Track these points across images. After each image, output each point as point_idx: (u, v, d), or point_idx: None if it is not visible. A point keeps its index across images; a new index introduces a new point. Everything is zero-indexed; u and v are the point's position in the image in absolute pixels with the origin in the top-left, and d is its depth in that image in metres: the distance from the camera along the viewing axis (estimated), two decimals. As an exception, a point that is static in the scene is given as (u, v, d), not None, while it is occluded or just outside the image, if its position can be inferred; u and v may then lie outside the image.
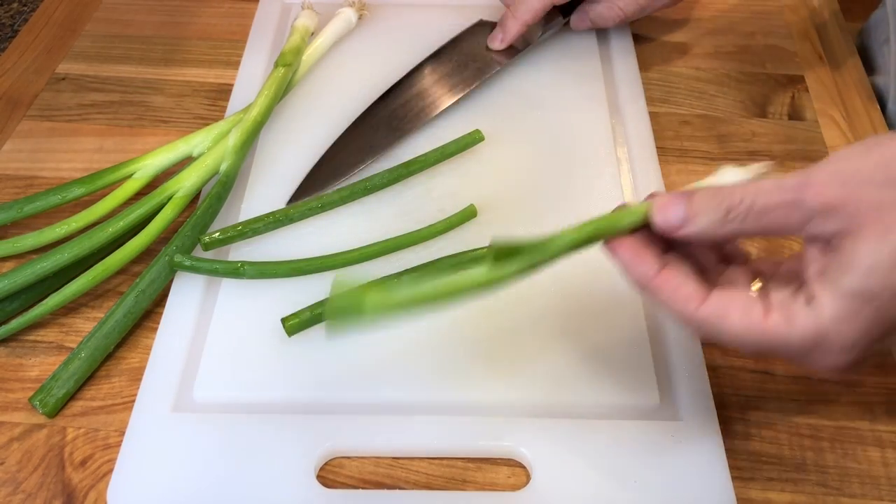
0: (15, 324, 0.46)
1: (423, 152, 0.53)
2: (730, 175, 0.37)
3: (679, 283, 0.34)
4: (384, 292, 0.32)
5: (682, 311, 0.34)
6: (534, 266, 0.35)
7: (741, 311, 0.33)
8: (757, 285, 0.36)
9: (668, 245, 0.36)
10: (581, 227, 0.36)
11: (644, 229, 0.36)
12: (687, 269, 0.35)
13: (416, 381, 0.43)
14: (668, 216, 0.35)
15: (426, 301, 0.33)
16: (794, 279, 0.34)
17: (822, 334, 0.32)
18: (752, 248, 0.50)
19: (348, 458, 0.41)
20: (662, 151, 0.56)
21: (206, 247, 0.48)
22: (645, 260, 0.35)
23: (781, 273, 0.36)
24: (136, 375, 0.45)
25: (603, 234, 0.36)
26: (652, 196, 0.36)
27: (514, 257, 0.34)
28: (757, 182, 0.33)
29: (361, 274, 0.31)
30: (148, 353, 0.45)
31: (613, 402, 0.42)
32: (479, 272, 0.34)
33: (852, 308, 0.31)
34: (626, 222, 0.36)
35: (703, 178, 0.37)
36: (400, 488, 0.40)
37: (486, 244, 0.48)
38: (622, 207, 0.37)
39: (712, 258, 0.38)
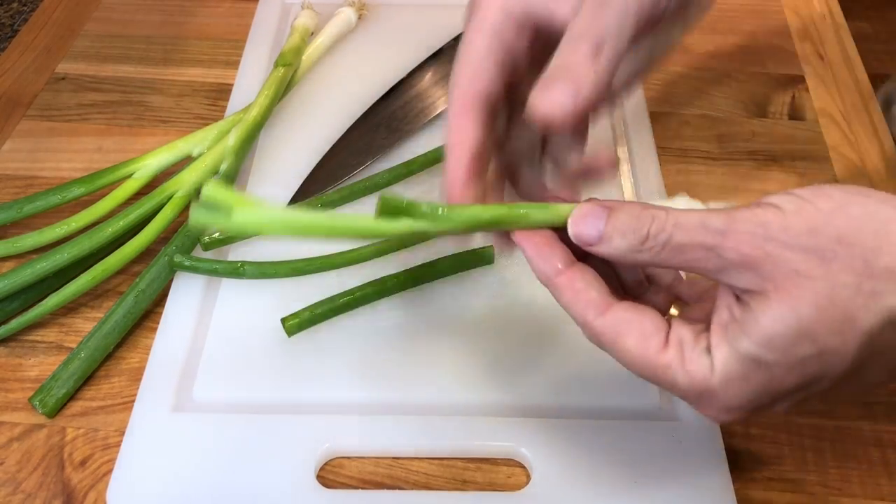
0: (15, 324, 0.46)
1: (423, 152, 0.53)
2: (682, 205, 0.35)
3: (583, 287, 0.32)
4: (256, 206, 0.31)
5: (580, 317, 0.32)
6: (425, 232, 0.33)
7: (639, 336, 0.31)
8: (673, 311, 0.34)
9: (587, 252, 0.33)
10: (489, 207, 0.33)
11: (563, 230, 0.33)
12: (595, 275, 0.33)
13: (416, 381, 0.43)
14: (583, 229, 0.32)
15: (298, 229, 0.31)
16: (705, 318, 0.32)
17: (709, 389, 0.30)
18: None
19: (348, 458, 0.41)
20: (662, 151, 0.56)
21: (206, 247, 0.48)
22: (554, 255, 0.33)
23: (698, 305, 0.34)
24: (136, 375, 0.45)
25: (512, 221, 0.33)
26: (588, 201, 0.34)
27: (404, 216, 0.33)
28: (683, 214, 0.30)
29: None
30: (148, 353, 0.45)
31: (613, 402, 0.42)
32: (365, 219, 0.32)
33: (743, 372, 0.30)
34: (540, 218, 0.33)
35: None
36: (400, 488, 0.40)
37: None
38: (550, 202, 0.34)
39: (635, 275, 0.36)
